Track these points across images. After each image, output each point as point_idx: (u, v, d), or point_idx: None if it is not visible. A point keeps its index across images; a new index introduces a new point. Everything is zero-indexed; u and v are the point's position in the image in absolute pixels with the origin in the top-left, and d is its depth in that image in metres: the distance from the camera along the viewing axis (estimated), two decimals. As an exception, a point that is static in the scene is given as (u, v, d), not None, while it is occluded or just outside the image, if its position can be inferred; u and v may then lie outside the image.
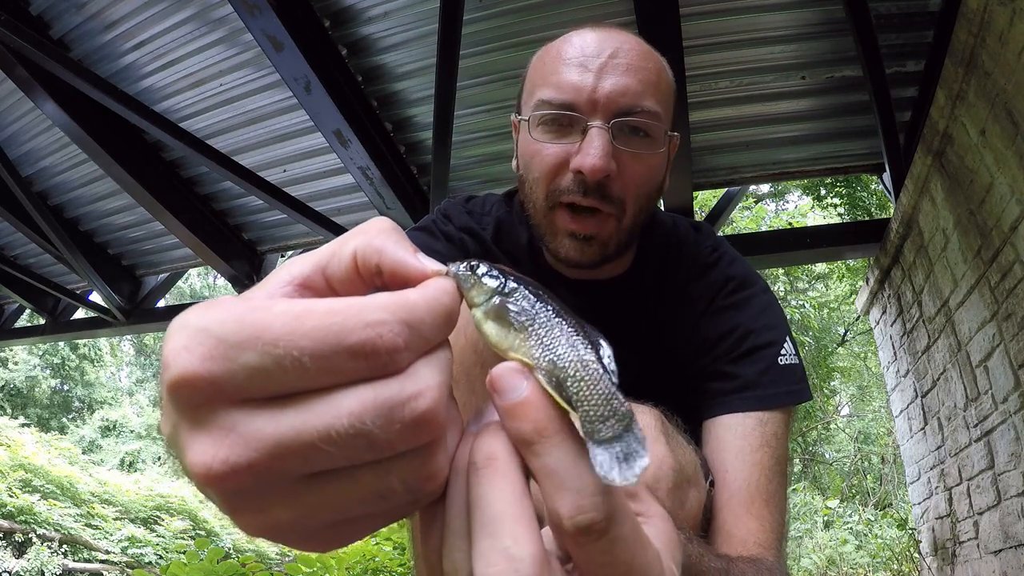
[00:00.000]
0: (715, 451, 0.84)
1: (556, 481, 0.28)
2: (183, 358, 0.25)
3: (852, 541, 6.67)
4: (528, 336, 0.31)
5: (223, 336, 0.25)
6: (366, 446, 0.26)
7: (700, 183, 4.07)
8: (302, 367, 0.25)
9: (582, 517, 0.27)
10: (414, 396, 0.26)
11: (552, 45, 0.90)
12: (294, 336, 0.25)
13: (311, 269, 0.31)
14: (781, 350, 0.90)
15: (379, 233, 0.31)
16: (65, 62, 3.16)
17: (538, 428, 0.28)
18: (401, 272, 0.30)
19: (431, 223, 1.00)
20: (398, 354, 0.26)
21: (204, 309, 0.26)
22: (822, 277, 10.05)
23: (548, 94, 0.84)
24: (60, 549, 6.29)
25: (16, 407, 13.97)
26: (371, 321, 0.26)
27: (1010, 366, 2.69)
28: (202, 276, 17.13)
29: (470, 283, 0.32)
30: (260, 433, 0.25)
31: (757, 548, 0.76)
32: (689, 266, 0.98)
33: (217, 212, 4.71)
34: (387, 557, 2.75)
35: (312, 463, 0.26)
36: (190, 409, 0.25)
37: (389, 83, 3.63)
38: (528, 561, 0.26)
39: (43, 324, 5.98)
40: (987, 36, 2.48)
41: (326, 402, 0.26)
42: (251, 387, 0.25)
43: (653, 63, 0.86)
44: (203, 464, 0.25)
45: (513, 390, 0.29)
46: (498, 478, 0.28)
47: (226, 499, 0.26)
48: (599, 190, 0.82)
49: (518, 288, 0.32)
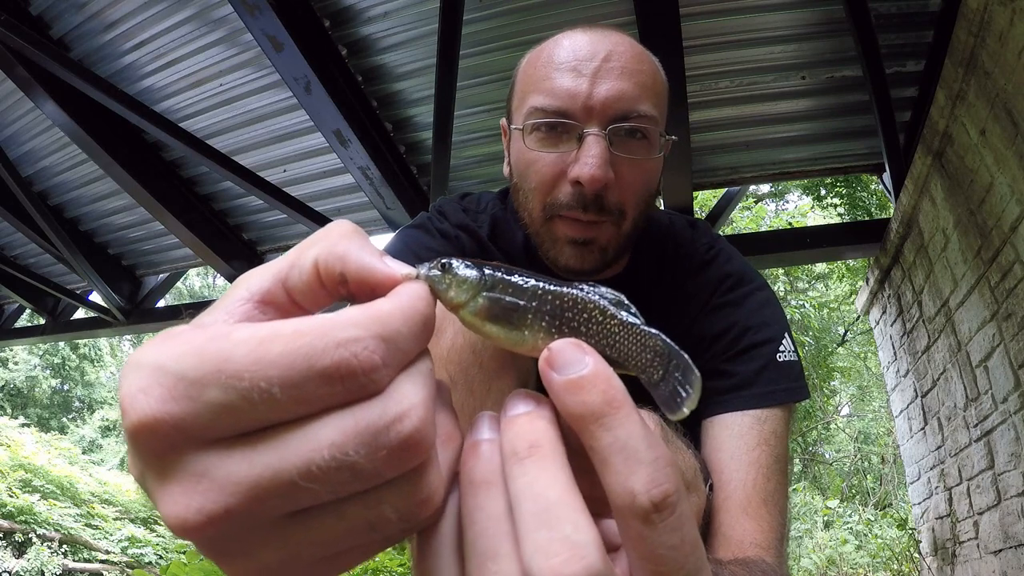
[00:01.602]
0: (712, 451, 0.82)
1: (629, 454, 0.26)
2: (141, 401, 0.23)
3: (852, 541, 6.67)
4: (536, 321, 0.31)
5: (182, 373, 0.23)
6: (351, 478, 0.24)
7: (700, 183, 4.07)
8: (272, 399, 0.23)
9: (657, 490, 0.26)
10: (398, 417, 0.24)
11: (542, 48, 0.86)
12: (260, 365, 0.23)
13: (271, 282, 0.28)
14: (779, 347, 0.88)
15: (340, 238, 0.29)
16: (65, 62, 3.16)
17: (608, 399, 0.27)
18: (368, 279, 0.28)
19: (427, 220, 0.98)
20: (376, 373, 0.24)
21: (159, 343, 0.24)
22: (822, 277, 10.05)
23: (541, 101, 0.81)
24: (60, 549, 6.29)
25: (16, 407, 13.98)
26: (343, 340, 0.24)
27: (1010, 366, 2.69)
28: (202, 276, 17.14)
29: (445, 283, 0.31)
30: (234, 476, 0.23)
31: (754, 549, 0.73)
32: (686, 264, 0.96)
33: (217, 212, 4.71)
34: (387, 557, 2.75)
35: (294, 501, 0.24)
36: (155, 456, 0.23)
37: (389, 83, 3.63)
38: (593, 546, 0.25)
39: (43, 324, 5.98)
40: (987, 36, 2.47)
41: (303, 434, 0.24)
42: (219, 426, 0.23)
43: (647, 65, 0.84)
44: (177, 516, 0.23)
45: (577, 363, 0.27)
46: (548, 464, 0.27)
47: (208, 547, 0.24)
48: (597, 202, 0.80)
49: (500, 278, 0.31)
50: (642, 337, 0.32)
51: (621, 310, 0.32)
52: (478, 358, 0.67)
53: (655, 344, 0.32)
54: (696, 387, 0.32)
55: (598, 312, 0.31)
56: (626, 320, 0.32)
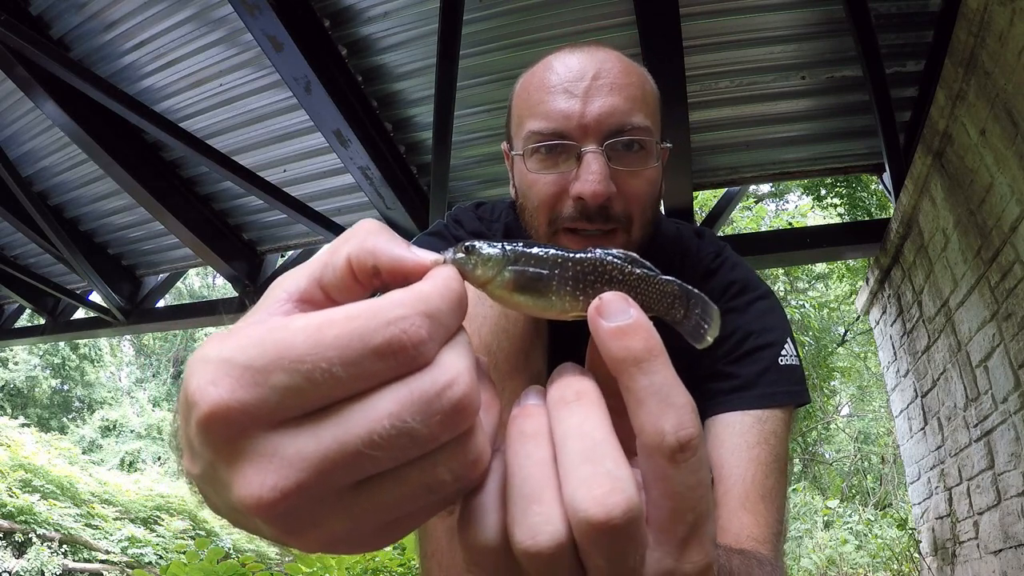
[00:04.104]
0: (714, 448, 0.84)
1: (662, 397, 0.29)
2: (211, 392, 0.25)
3: (852, 541, 6.67)
4: (561, 287, 0.34)
5: (248, 362, 0.25)
6: (410, 443, 0.26)
7: (700, 183, 4.07)
8: (333, 377, 0.25)
9: (684, 432, 0.29)
10: (448, 384, 0.27)
11: (533, 73, 0.89)
12: (319, 348, 0.25)
13: (307, 282, 0.31)
14: (781, 351, 0.90)
15: (369, 235, 0.31)
16: (65, 62, 3.16)
17: (648, 346, 0.30)
18: (400, 268, 0.30)
19: (443, 228, 1.02)
20: (424, 346, 0.27)
21: (221, 340, 0.27)
22: (822, 277, 10.05)
23: (537, 125, 0.84)
24: (60, 549, 6.29)
25: (16, 407, 13.97)
26: (392, 318, 0.26)
27: (1010, 366, 2.69)
28: (202, 276, 17.14)
29: (472, 263, 0.34)
30: (304, 452, 0.25)
31: (751, 543, 0.75)
32: (692, 272, 0.98)
33: (217, 212, 4.71)
34: (387, 557, 2.75)
35: (359, 470, 0.26)
36: (227, 443, 0.25)
37: (389, 83, 3.63)
38: (629, 480, 0.28)
39: (43, 324, 5.98)
40: (987, 36, 2.47)
41: (363, 408, 0.26)
42: (285, 408, 0.25)
43: (636, 77, 0.86)
44: (253, 495, 0.25)
45: (622, 312, 0.31)
46: (593, 409, 0.30)
47: (280, 523, 0.26)
48: (602, 213, 0.82)
49: (521, 251, 0.34)
50: (660, 285, 0.36)
51: (636, 266, 0.36)
52: (492, 359, 0.70)
53: (672, 289, 0.37)
54: (715, 317, 0.37)
55: (616, 271, 0.35)
56: (643, 273, 0.36)
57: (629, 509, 0.27)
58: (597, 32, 3.20)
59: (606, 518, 0.27)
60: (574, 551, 0.29)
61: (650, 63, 2.89)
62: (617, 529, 0.27)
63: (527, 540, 0.28)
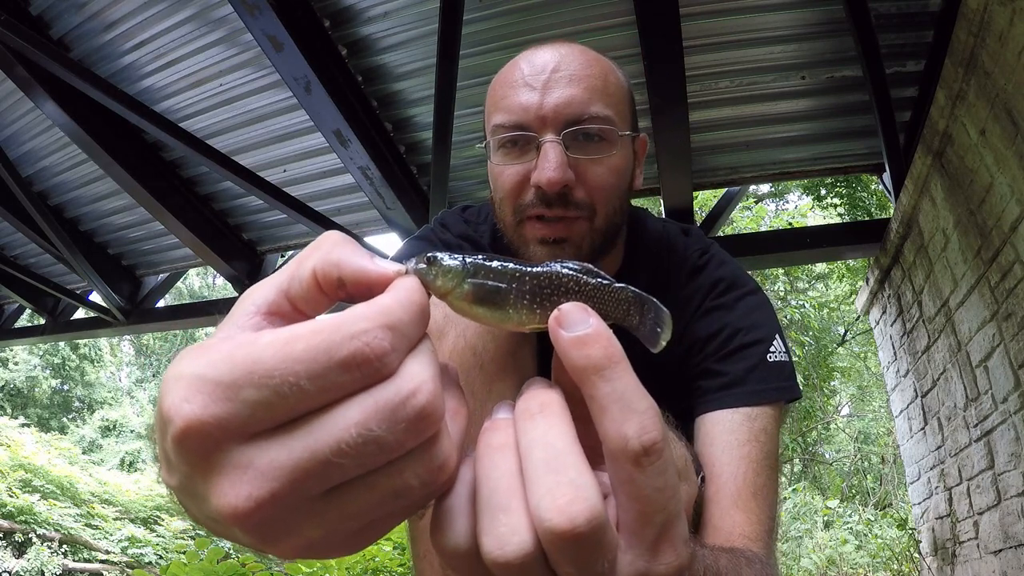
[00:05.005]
0: (704, 446, 0.85)
1: (624, 404, 0.30)
2: (185, 409, 0.26)
3: (852, 541, 6.67)
4: (518, 300, 0.35)
5: (219, 378, 0.26)
6: (377, 451, 0.27)
7: (700, 183, 4.07)
8: (301, 391, 0.26)
9: (647, 436, 0.30)
10: (412, 393, 0.28)
11: (502, 71, 0.91)
12: (287, 363, 0.26)
13: (274, 294, 0.31)
14: (770, 347, 0.90)
15: (334, 247, 0.32)
16: (65, 62, 3.16)
17: (608, 354, 0.31)
18: (364, 280, 0.31)
19: (430, 232, 1.03)
20: (387, 357, 0.28)
21: (193, 356, 0.27)
22: (822, 277, 10.04)
23: (500, 118, 0.86)
24: (60, 549, 6.29)
25: (16, 407, 13.97)
26: (356, 332, 0.27)
27: (1010, 366, 2.69)
28: (202, 276, 17.14)
29: (432, 274, 0.34)
30: (276, 463, 0.26)
31: (743, 540, 0.75)
32: (679, 270, 0.99)
33: (217, 212, 4.71)
34: (387, 557, 2.75)
35: (330, 478, 0.27)
36: (202, 456, 0.26)
37: (389, 83, 3.63)
38: (592, 488, 0.29)
39: (43, 324, 5.98)
40: (987, 36, 2.47)
41: (331, 418, 0.27)
42: (257, 421, 0.26)
43: (597, 69, 0.87)
44: (229, 505, 0.26)
45: (582, 322, 0.32)
46: (556, 420, 0.31)
47: (256, 532, 0.27)
48: (562, 200, 0.84)
49: (481, 264, 0.35)
50: (614, 293, 0.37)
51: (591, 276, 0.36)
52: (479, 360, 0.70)
53: (627, 296, 0.38)
54: (667, 322, 0.38)
55: (572, 283, 0.36)
56: (597, 283, 0.37)
57: (592, 517, 0.28)
58: (597, 32, 3.20)
59: (570, 526, 0.28)
60: (543, 559, 0.29)
61: (650, 63, 2.89)
62: (582, 537, 0.28)
63: (495, 550, 0.29)
